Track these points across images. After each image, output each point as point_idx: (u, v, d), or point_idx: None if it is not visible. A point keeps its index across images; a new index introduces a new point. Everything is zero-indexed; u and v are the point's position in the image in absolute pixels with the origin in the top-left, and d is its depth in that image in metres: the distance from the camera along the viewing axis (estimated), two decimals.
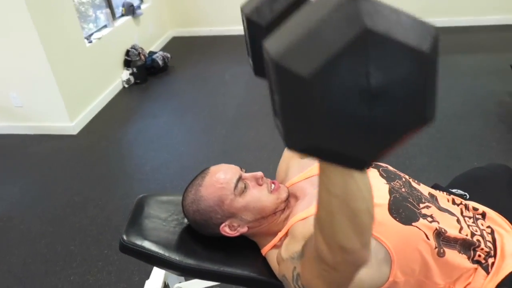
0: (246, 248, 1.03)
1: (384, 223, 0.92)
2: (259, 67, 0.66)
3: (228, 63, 4.10)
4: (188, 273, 0.98)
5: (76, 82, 3.06)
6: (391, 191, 0.99)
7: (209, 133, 2.87)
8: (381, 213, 0.93)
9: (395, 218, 0.93)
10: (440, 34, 0.38)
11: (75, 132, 3.00)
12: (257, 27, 0.61)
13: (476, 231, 0.98)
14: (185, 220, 1.08)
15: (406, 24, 0.36)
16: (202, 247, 1.00)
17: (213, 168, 1.04)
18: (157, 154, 2.66)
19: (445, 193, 1.13)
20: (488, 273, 0.94)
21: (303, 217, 0.94)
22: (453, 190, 1.20)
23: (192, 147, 2.72)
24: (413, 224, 0.93)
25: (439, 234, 0.93)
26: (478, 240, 0.96)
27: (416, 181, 1.08)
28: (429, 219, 0.95)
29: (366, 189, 0.53)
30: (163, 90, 3.67)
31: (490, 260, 0.95)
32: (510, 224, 1.04)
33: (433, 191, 1.07)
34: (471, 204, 1.08)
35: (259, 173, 1.02)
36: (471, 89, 3.17)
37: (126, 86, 3.71)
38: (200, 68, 4.05)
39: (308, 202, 0.98)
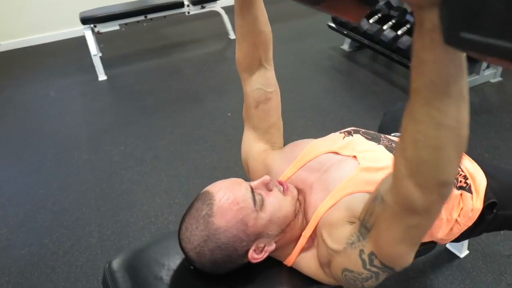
0: (266, 266, 0.86)
1: None
2: None
3: (46, 79, 3.41)
4: None
5: None
6: (389, 149, 0.97)
7: (67, 163, 2.35)
8: None
9: None
10: None
11: None
12: None
13: None
14: (181, 267, 0.82)
15: None
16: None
17: (213, 191, 0.81)
18: (9, 210, 2.03)
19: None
20: (471, 193, 1.03)
21: (329, 206, 0.83)
22: (394, 134, 1.28)
23: (55, 186, 2.17)
24: None
25: None
26: None
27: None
28: None
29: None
30: None
31: (469, 182, 1.04)
32: None
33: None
34: None
35: (267, 177, 0.85)
36: (303, 51, 3.49)
37: None
38: (9, 92, 3.25)
39: (323, 190, 0.87)
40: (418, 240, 0.69)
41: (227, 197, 0.78)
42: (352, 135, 1.01)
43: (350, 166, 0.89)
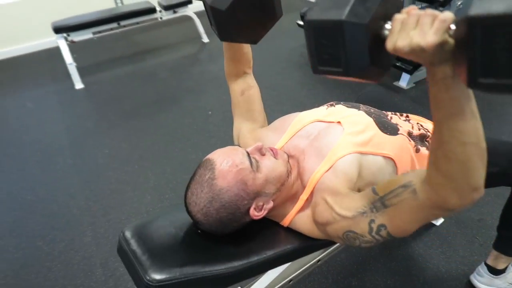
0: (264, 227, 0.95)
1: (383, 142, 1.01)
2: None
3: (21, 91, 3.38)
4: (250, 273, 0.85)
5: None
6: (368, 114, 1.08)
7: (52, 169, 2.36)
8: (377, 135, 1.01)
9: (386, 133, 1.03)
10: None
11: None
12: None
13: (415, 127, 1.17)
14: (190, 229, 0.90)
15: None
16: (233, 247, 0.88)
17: (213, 157, 0.90)
18: None
19: None
20: None
21: (325, 169, 0.93)
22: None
23: (42, 192, 2.18)
24: (398, 132, 1.05)
25: (410, 134, 1.09)
26: (424, 134, 1.16)
27: None
28: (400, 125, 1.10)
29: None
30: None
31: None
32: (423, 119, 1.29)
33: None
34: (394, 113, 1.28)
35: (259, 144, 0.95)
36: (276, 50, 3.61)
37: None
38: None
39: (317, 155, 0.97)
40: (429, 221, 0.78)
41: (226, 161, 0.87)
42: (334, 106, 1.12)
43: (336, 131, 0.99)
